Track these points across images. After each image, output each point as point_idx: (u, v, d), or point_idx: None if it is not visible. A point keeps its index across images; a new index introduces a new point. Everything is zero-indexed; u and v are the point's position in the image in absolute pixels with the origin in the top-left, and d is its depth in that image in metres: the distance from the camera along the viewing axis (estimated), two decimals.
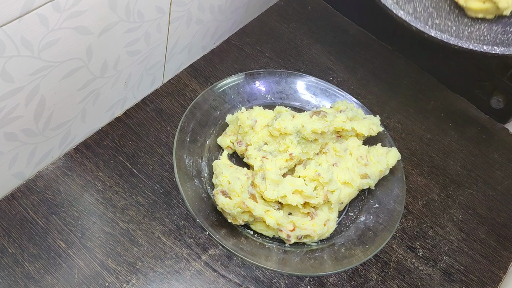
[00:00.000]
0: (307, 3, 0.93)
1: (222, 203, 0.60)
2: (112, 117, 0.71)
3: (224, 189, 0.61)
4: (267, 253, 0.61)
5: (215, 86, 0.72)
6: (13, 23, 0.45)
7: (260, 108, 0.69)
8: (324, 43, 0.88)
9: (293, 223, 0.62)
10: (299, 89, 0.77)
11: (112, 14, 0.56)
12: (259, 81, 0.75)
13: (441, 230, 0.71)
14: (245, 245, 0.61)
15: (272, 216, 0.61)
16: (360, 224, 0.67)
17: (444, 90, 0.87)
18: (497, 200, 0.75)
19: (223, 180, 0.62)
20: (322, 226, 0.62)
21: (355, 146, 0.69)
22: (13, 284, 0.56)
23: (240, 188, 0.60)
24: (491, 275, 0.68)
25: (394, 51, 0.90)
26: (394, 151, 0.70)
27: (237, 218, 0.61)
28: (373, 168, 0.68)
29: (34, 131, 0.58)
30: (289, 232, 0.62)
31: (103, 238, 0.61)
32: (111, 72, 0.63)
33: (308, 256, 0.62)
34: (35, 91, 0.53)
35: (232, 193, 0.60)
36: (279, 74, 0.76)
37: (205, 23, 0.75)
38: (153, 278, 0.59)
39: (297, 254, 0.62)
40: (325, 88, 0.77)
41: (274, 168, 0.63)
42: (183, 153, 0.65)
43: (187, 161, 0.65)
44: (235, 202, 0.60)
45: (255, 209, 0.60)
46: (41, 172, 0.64)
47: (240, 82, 0.74)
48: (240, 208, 0.60)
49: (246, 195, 0.61)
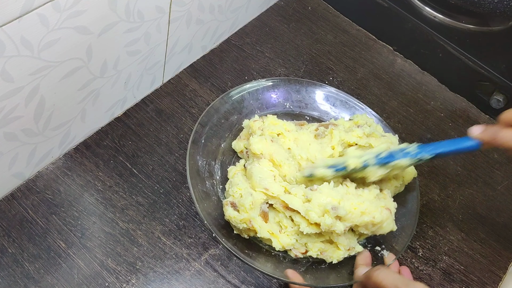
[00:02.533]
0: (307, 3, 0.93)
1: (230, 216, 0.58)
2: (112, 117, 0.71)
3: (234, 201, 0.59)
4: (275, 261, 0.60)
5: (232, 90, 0.71)
6: (13, 23, 0.45)
7: (274, 117, 0.68)
8: (324, 43, 0.88)
9: (306, 247, 0.60)
10: (318, 99, 0.75)
11: (112, 14, 0.56)
12: (278, 89, 0.74)
13: (441, 230, 0.71)
14: (250, 250, 0.60)
15: (280, 240, 0.59)
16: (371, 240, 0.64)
17: (444, 90, 0.87)
18: (497, 200, 0.75)
19: (236, 192, 0.60)
20: (342, 252, 0.60)
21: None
22: (13, 284, 0.56)
23: (250, 204, 0.58)
24: (491, 275, 0.68)
25: (394, 51, 0.90)
26: (410, 168, 0.67)
27: (243, 232, 0.60)
28: (387, 184, 0.65)
29: (34, 131, 0.58)
30: (300, 254, 0.60)
31: (103, 238, 0.61)
32: (111, 72, 0.63)
33: (314, 268, 0.61)
34: (35, 91, 0.53)
35: (241, 207, 0.59)
36: (300, 83, 0.75)
37: (205, 23, 0.75)
38: (153, 278, 0.59)
39: (303, 264, 0.61)
40: (345, 100, 0.75)
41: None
42: (197, 153, 0.64)
43: (200, 162, 0.64)
44: (242, 217, 0.58)
45: (260, 231, 0.59)
46: (41, 172, 0.64)
47: (259, 88, 0.73)
48: (246, 224, 0.58)
49: (256, 212, 0.59)
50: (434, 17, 0.86)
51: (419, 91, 0.86)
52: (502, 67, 0.81)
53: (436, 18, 0.86)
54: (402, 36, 0.89)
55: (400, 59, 0.89)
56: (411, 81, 0.87)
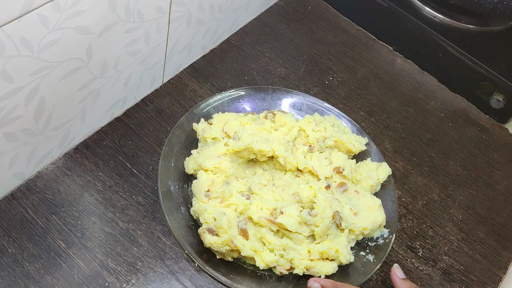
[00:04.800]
0: (307, 3, 0.93)
1: (210, 242, 0.57)
2: (112, 117, 0.71)
3: (210, 226, 0.57)
4: (260, 281, 0.58)
5: (197, 106, 0.69)
6: (13, 23, 0.45)
7: (221, 114, 0.67)
8: (324, 43, 0.88)
9: (291, 263, 0.58)
10: (284, 105, 0.74)
11: (112, 14, 0.56)
12: (243, 99, 0.73)
13: (441, 230, 0.71)
14: (235, 274, 0.58)
15: (264, 259, 0.57)
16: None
17: (444, 90, 0.87)
18: (497, 200, 0.75)
19: (208, 218, 0.58)
20: (332, 265, 0.59)
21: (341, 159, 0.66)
22: (13, 284, 0.56)
23: (227, 224, 0.57)
24: (491, 275, 0.68)
25: (394, 51, 0.90)
26: (384, 166, 0.68)
27: (226, 255, 0.58)
28: (363, 184, 0.66)
29: (34, 131, 0.58)
30: (285, 271, 0.58)
31: (103, 238, 0.61)
32: (111, 72, 0.63)
33: (302, 282, 0.59)
34: (35, 91, 0.53)
35: (219, 230, 0.57)
36: (265, 90, 0.74)
37: (205, 23, 0.75)
38: (153, 278, 0.59)
39: (290, 281, 0.60)
40: (311, 104, 0.74)
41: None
42: (168, 179, 0.62)
43: (172, 187, 0.62)
44: (223, 240, 0.56)
45: (243, 249, 0.57)
46: (41, 172, 0.64)
47: (224, 101, 0.71)
48: (228, 246, 0.57)
49: (235, 231, 0.57)
50: (434, 17, 0.86)
51: (419, 91, 0.86)
52: (502, 67, 0.81)
53: (436, 18, 0.86)
54: (402, 36, 0.89)
55: (400, 59, 0.89)
56: (411, 81, 0.87)
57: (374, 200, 0.64)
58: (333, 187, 0.64)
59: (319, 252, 0.59)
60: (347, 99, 0.82)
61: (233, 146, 0.63)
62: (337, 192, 0.63)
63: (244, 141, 0.63)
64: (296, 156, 0.65)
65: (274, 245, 0.58)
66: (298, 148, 0.67)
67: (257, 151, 0.63)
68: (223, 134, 0.65)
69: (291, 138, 0.66)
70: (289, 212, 0.58)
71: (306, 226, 0.59)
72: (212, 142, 0.64)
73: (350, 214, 0.61)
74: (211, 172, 0.62)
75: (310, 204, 0.60)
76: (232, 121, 0.66)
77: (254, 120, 0.67)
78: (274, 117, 0.68)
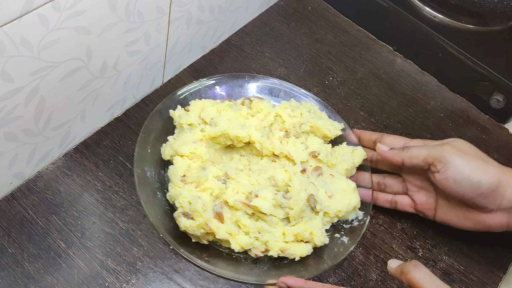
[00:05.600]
0: (307, 3, 0.93)
1: (185, 226, 0.57)
2: (112, 117, 0.71)
3: (185, 210, 0.58)
4: (236, 263, 0.59)
5: (175, 93, 0.69)
6: (13, 23, 0.45)
7: (198, 101, 0.67)
8: (324, 43, 0.88)
9: (266, 245, 0.59)
10: (261, 91, 0.74)
11: (112, 14, 0.56)
12: (221, 86, 0.72)
13: (441, 230, 0.70)
14: (210, 256, 0.58)
15: (239, 241, 0.58)
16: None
17: (444, 90, 0.87)
18: None
19: (183, 202, 0.58)
20: (306, 247, 0.59)
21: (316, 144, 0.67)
22: (13, 284, 0.56)
23: (202, 207, 0.57)
24: (491, 275, 0.68)
25: (394, 51, 0.90)
26: (359, 150, 0.68)
27: (202, 238, 0.59)
28: (339, 167, 0.66)
29: (34, 131, 0.58)
30: (260, 253, 0.59)
31: (103, 238, 0.61)
32: (111, 72, 0.63)
33: (277, 264, 0.60)
34: (35, 91, 0.53)
35: (194, 214, 0.57)
36: (242, 77, 0.74)
37: (205, 23, 0.75)
38: (153, 278, 0.59)
39: (266, 263, 0.60)
40: (289, 90, 0.74)
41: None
42: (144, 165, 0.62)
43: (149, 173, 0.62)
44: (198, 223, 0.57)
45: (218, 232, 0.57)
46: (41, 172, 0.64)
47: (201, 87, 0.71)
48: (203, 229, 0.57)
49: (210, 215, 0.58)
50: (434, 17, 0.86)
51: (419, 91, 0.86)
52: (502, 67, 0.81)
53: (436, 18, 0.86)
54: (402, 36, 0.89)
55: (400, 59, 0.89)
56: (411, 81, 0.87)
57: (349, 183, 0.64)
58: (308, 171, 0.64)
59: (293, 234, 0.59)
60: (347, 99, 0.82)
61: (209, 132, 0.63)
62: (313, 176, 0.64)
63: (220, 127, 0.63)
64: (272, 142, 0.66)
65: (249, 228, 0.59)
66: (275, 133, 0.67)
67: (233, 137, 0.63)
68: (199, 120, 0.65)
69: (267, 124, 0.67)
70: (264, 195, 0.59)
71: (281, 209, 0.59)
72: (188, 128, 0.65)
73: (325, 197, 0.62)
74: (187, 157, 0.62)
75: (285, 187, 0.61)
76: (208, 107, 0.66)
77: (230, 107, 0.68)
78: (251, 104, 0.69)
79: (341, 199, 0.63)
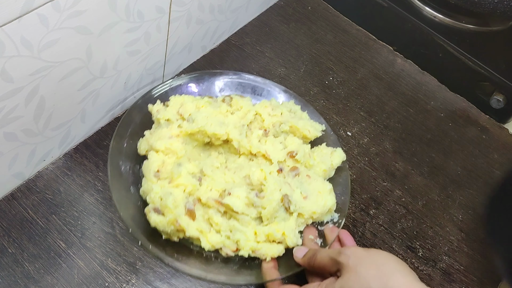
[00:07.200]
0: (307, 3, 0.93)
1: (155, 222, 0.56)
2: (112, 117, 0.71)
3: (156, 206, 0.57)
4: (205, 262, 0.58)
5: (155, 89, 0.69)
6: (13, 23, 0.45)
7: (178, 97, 0.67)
8: (324, 43, 0.88)
9: (237, 244, 0.58)
10: (243, 89, 0.74)
11: (112, 14, 0.56)
12: (203, 83, 0.72)
13: (441, 230, 0.71)
14: (179, 254, 0.57)
15: (210, 240, 0.57)
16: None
17: (444, 90, 0.87)
18: None
19: (155, 197, 0.57)
20: (278, 250, 0.59)
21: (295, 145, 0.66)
22: (13, 284, 0.56)
23: (173, 203, 0.56)
24: (491, 275, 0.68)
25: (394, 51, 0.90)
26: (339, 151, 0.68)
27: (172, 235, 0.58)
28: (317, 169, 0.66)
29: (34, 131, 0.58)
30: (231, 252, 0.58)
31: (103, 238, 0.61)
32: (111, 72, 0.63)
33: (248, 264, 0.59)
34: (35, 91, 0.53)
35: (165, 210, 0.56)
36: (221, 74, 0.73)
37: (205, 23, 0.75)
38: (153, 278, 0.59)
39: (236, 262, 0.59)
40: (272, 89, 0.74)
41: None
42: (119, 159, 0.61)
43: (123, 167, 0.62)
44: (168, 219, 0.56)
45: (188, 229, 0.56)
46: (41, 172, 0.64)
47: (182, 82, 0.70)
48: (173, 226, 0.56)
49: (181, 211, 0.56)
50: (434, 17, 0.86)
51: (419, 91, 0.86)
52: (502, 67, 0.81)
53: (436, 18, 0.86)
54: (402, 36, 0.89)
55: (400, 59, 0.89)
56: (411, 81, 0.87)
57: (325, 185, 0.64)
58: (285, 171, 0.64)
59: (265, 234, 0.59)
60: (347, 99, 0.82)
61: (186, 128, 0.63)
62: (289, 176, 0.63)
63: (198, 123, 0.62)
64: (251, 140, 0.65)
65: (220, 226, 0.58)
66: (254, 132, 0.67)
67: (210, 134, 0.63)
68: (177, 116, 0.65)
69: (246, 122, 0.66)
70: (237, 193, 0.58)
71: (254, 208, 0.59)
72: (165, 124, 0.64)
73: (300, 198, 0.61)
74: (162, 153, 0.62)
75: (260, 187, 0.60)
76: (188, 103, 0.66)
77: (210, 104, 0.67)
78: (231, 101, 0.68)
79: (316, 200, 0.62)
